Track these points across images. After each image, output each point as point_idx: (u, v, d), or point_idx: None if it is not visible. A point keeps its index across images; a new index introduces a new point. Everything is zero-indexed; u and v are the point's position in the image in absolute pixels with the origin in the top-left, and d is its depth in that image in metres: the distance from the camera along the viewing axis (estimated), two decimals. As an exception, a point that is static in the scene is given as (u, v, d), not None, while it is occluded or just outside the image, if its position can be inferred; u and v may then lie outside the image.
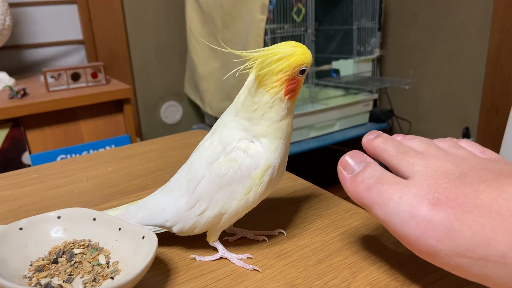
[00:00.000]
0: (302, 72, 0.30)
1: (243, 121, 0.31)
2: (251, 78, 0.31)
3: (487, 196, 0.23)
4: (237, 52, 0.29)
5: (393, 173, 0.28)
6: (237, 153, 0.31)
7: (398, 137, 0.31)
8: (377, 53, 1.74)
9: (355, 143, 1.84)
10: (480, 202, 0.23)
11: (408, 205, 0.25)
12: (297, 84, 0.30)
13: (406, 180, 0.26)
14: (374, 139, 0.30)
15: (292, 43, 0.30)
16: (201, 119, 1.96)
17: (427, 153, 0.28)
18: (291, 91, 0.30)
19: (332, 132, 1.65)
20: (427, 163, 0.26)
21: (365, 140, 0.30)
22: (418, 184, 0.25)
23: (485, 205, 0.22)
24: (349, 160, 0.29)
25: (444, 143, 0.29)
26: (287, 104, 0.31)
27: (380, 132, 0.31)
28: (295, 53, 0.29)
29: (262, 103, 0.30)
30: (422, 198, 0.24)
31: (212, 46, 0.35)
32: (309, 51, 0.30)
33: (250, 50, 0.29)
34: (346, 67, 1.70)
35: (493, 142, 1.55)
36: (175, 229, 0.33)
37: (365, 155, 0.29)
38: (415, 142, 0.29)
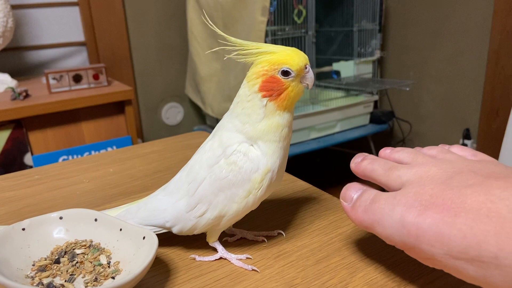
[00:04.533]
0: (285, 73, 0.30)
1: (237, 122, 0.32)
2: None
3: (474, 200, 0.23)
4: (228, 37, 0.31)
5: (387, 191, 0.29)
6: (237, 156, 0.31)
7: (387, 150, 0.32)
8: (377, 54, 1.74)
9: (355, 145, 1.85)
10: (467, 206, 0.23)
11: (399, 215, 0.26)
12: (276, 85, 0.30)
13: (395, 192, 0.27)
14: (361, 162, 0.31)
15: (291, 48, 0.31)
16: (202, 120, 1.97)
17: (414, 162, 0.29)
18: (269, 90, 0.30)
19: (333, 134, 1.66)
20: (413, 172, 0.27)
21: (352, 165, 0.32)
22: (406, 193, 0.26)
23: (473, 209, 0.23)
24: (347, 191, 0.30)
25: (434, 150, 0.30)
26: (262, 102, 0.30)
27: (366, 154, 0.32)
28: (279, 53, 0.30)
29: (242, 96, 0.31)
30: (410, 206, 0.25)
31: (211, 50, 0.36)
32: (301, 57, 0.30)
33: (243, 40, 0.31)
34: (346, 68, 1.70)
35: (493, 143, 1.56)
36: (175, 230, 0.34)
37: (361, 184, 0.30)
38: (403, 154, 0.30)
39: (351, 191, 0.30)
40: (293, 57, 0.30)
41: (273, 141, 0.31)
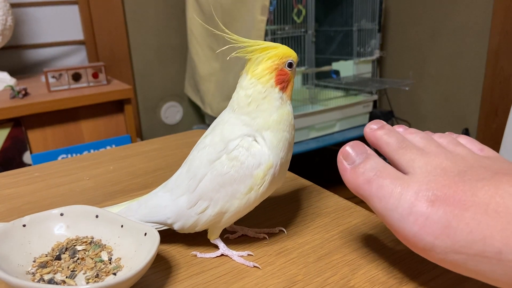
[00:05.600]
0: (290, 65, 0.32)
1: (243, 117, 0.32)
2: (242, 75, 0.33)
3: (484, 194, 0.23)
4: (231, 36, 0.31)
5: (392, 165, 0.28)
6: (240, 151, 0.31)
7: (400, 128, 0.30)
8: (377, 54, 1.74)
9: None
10: (477, 200, 0.23)
11: (408, 201, 0.25)
12: (286, 76, 0.32)
13: (406, 176, 0.26)
14: (377, 130, 0.29)
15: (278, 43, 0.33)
16: (202, 119, 1.97)
17: (427, 150, 0.28)
18: (282, 82, 0.32)
19: (332, 133, 1.66)
20: (427, 160, 0.27)
21: (367, 130, 0.30)
22: (418, 181, 0.25)
23: (483, 203, 0.23)
24: (350, 151, 0.29)
25: (444, 139, 0.29)
26: (279, 94, 0.32)
27: (384, 122, 0.30)
28: (280, 47, 0.32)
29: (255, 94, 0.31)
30: (422, 195, 0.25)
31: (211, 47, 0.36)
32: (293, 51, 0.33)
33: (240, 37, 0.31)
34: (346, 68, 1.70)
35: (492, 143, 1.56)
36: (176, 227, 0.34)
37: (366, 146, 0.29)
38: (416, 137, 0.29)
39: (355, 151, 0.28)
40: (291, 50, 0.32)
41: (281, 130, 0.32)
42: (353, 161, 0.28)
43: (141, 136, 1.83)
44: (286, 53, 0.32)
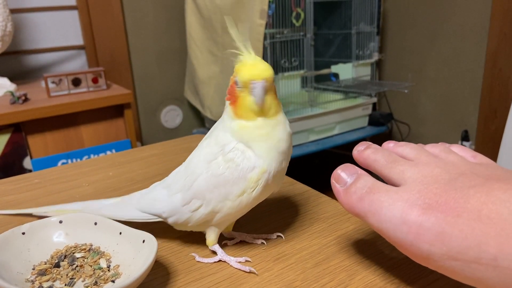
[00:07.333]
0: (237, 83, 0.31)
1: (225, 116, 0.33)
2: None
3: (476, 200, 0.23)
4: (235, 37, 0.31)
5: (385, 182, 0.29)
6: (235, 153, 0.32)
7: (390, 143, 0.31)
8: (376, 57, 1.74)
9: (354, 147, 1.85)
10: (470, 206, 0.23)
11: (400, 211, 0.25)
12: (234, 91, 0.32)
13: (397, 187, 0.27)
14: (364, 151, 0.31)
15: (258, 60, 0.31)
16: (201, 123, 1.97)
17: (418, 160, 0.28)
18: (230, 95, 0.32)
19: (332, 136, 1.66)
20: (417, 169, 0.27)
21: (355, 152, 0.31)
22: (409, 190, 0.26)
23: (475, 209, 0.23)
24: (341, 173, 0.29)
25: (436, 149, 0.30)
26: (228, 107, 0.33)
27: (370, 143, 0.31)
28: (243, 62, 0.31)
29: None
30: (413, 203, 0.25)
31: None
32: (251, 72, 0.30)
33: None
34: (345, 71, 1.71)
35: (491, 145, 1.56)
36: (170, 221, 0.35)
37: (356, 167, 0.30)
38: (406, 149, 0.30)
39: (346, 173, 0.29)
40: (242, 70, 0.31)
41: (261, 141, 0.32)
42: (344, 183, 0.29)
43: (141, 140, 1.83)
44: (237, 70, 0.31)
